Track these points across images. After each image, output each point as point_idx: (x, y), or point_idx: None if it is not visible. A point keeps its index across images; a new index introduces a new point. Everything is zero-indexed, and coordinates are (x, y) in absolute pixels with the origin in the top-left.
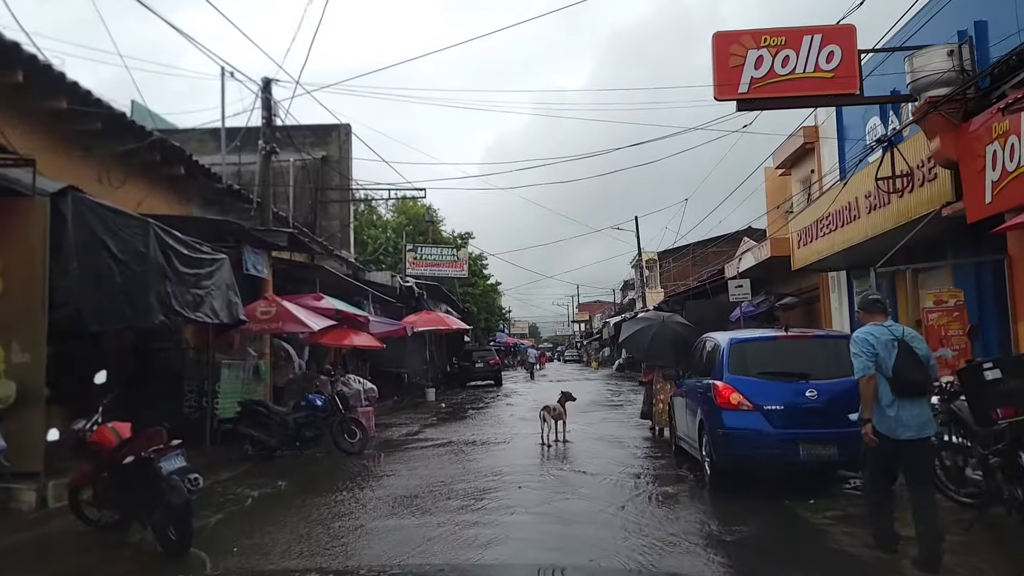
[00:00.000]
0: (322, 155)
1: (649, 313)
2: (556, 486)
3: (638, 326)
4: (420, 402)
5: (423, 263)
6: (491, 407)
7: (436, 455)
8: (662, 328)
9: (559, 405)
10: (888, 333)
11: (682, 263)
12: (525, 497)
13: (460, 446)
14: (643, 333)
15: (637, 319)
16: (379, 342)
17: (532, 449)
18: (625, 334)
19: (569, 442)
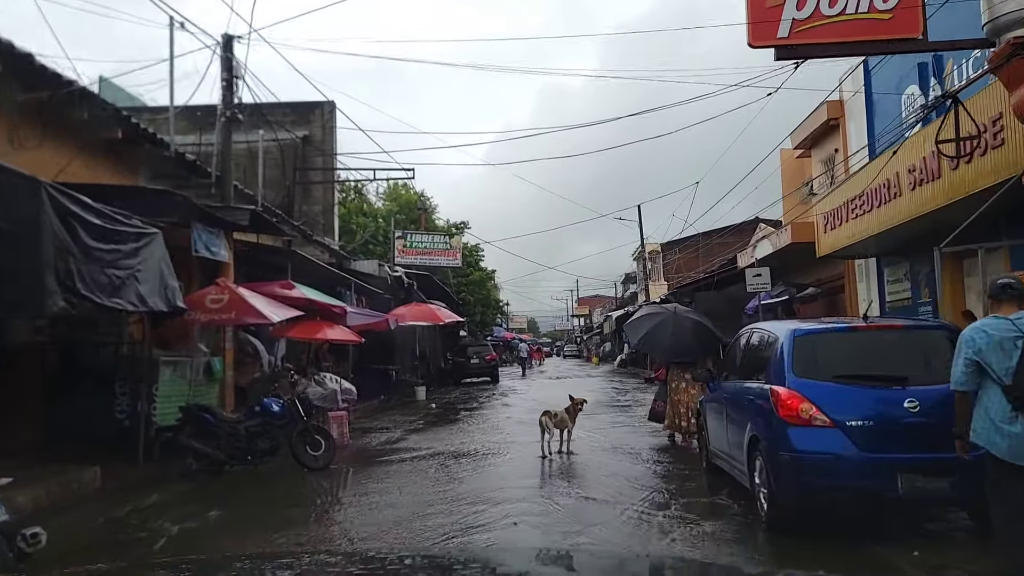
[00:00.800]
0: (303, 135)
1: (653, 307)
2: (561, 521)
3: (651, 322)
4: (409, 402)
5: (413, 251)
6: (485, 408)
7: (415, 471)
8: (678, 320)
9: (564, 412)
10: (1012, 329)
11: (686, 254)
12: (520, 538)
13: (446, 459)
14: (660, 329)
15: (645, 314)
16: (357, 336)
17: (531, 463)
18: (637, 332)
19: (574, 454)
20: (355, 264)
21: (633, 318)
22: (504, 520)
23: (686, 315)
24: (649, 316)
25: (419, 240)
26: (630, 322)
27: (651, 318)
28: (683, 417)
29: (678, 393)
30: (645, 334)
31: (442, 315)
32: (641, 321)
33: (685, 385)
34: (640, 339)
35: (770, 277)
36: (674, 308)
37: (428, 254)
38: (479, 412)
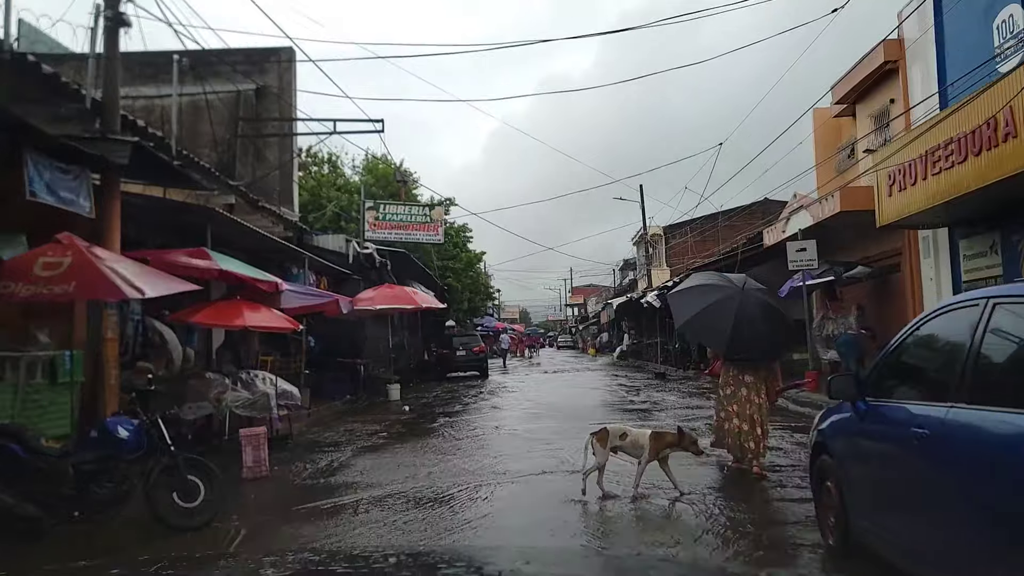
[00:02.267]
0: (257, 86)
1: (709, 276)
2: None
3: (707, 297)
4: (379, 402)
5: (387, 225)
6: (470, 411)
7: (344, 538)
8: (747, 300)
9: (644, 436)
10: None
11: (693, 236)
12: None
13: (400, 510)
14: (721, 309)
15: (699, 285)
16: (292, 321)
17: (548, 515)
18: (685, 309)
19: (643, 497)
20: (318, 240)
21: (681, 287)
22: None
23: (756, 293)
24: (704, 289)
25: (394, 212)
26: (676, 293)
27: (707, 292)
28: (747, 436)
29: (734, 401)
30: (698, 315)
31: (420, 299)
32: (692, 295)
33: (746, 392)
34: (689, 321)
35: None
36: (743, 282)
37: (404, 228)
38: (462, 418)
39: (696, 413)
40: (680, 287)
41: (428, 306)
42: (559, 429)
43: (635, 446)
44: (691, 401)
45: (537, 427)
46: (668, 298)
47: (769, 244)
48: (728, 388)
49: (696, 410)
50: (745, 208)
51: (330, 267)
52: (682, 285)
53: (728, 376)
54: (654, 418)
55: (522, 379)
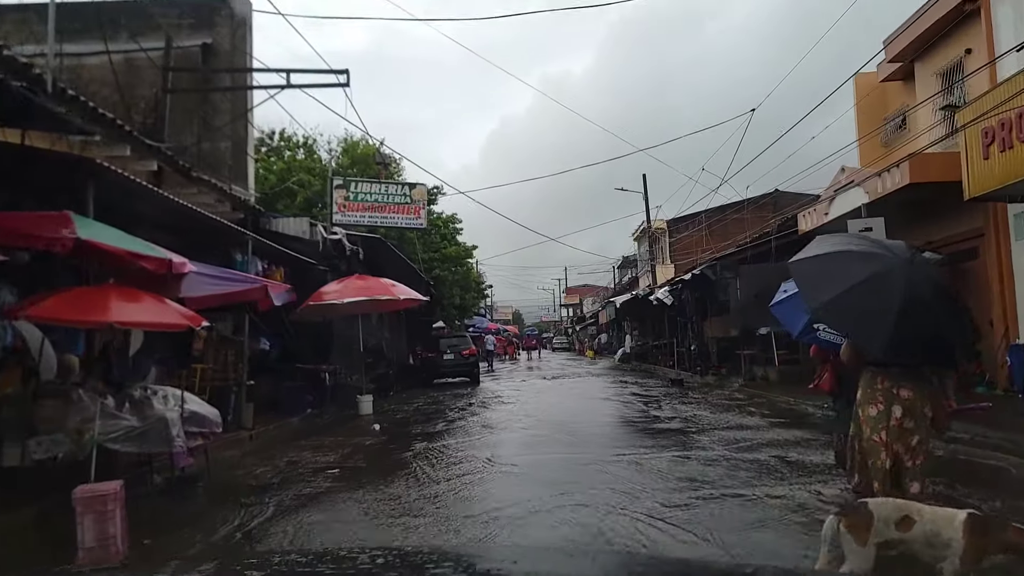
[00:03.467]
0: (201, 43)
1: (852, 240)
2: None
3: (855, 272)
4: (347, 417)
5: (359, 206)
6: (456, 432)
7: None
8: (915, 278)
9: (948, 522)
10: None
11: (703, 227)
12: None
13: None
14: (876, 290)
15: (840, 253)
16: (191, 316)
17: None
18: (822, 288)
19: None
20: (277, 223)
21: (814, 251)
22: None
23: (927, 268)
24: (852, 257)
25: (367, 191)
26: (807, 260)
27: (856, 262)
28: (913, 476)
29: (881, 428)
30: (844, 294)
31: (397, 291)
32: (832, 264)
33: (901, 413)
34: (831, 303)
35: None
36: (908, 251)
37: (380, 210)
38: (444, 442)
39: (754, 437)
40: (812, 251)
41: (407, 299)
42: (575, 463)
43: (932, 542)
44: (733, 418)
45: (544, 459)
46: (794, 267)
47: (806, 229)
48: (872, 407)
49: (750, 432)
50: (755, 200)
51: (289, 255)
52: (813, 248)
53: (874, 389)
54: (698, 443)
55: (517, 386)
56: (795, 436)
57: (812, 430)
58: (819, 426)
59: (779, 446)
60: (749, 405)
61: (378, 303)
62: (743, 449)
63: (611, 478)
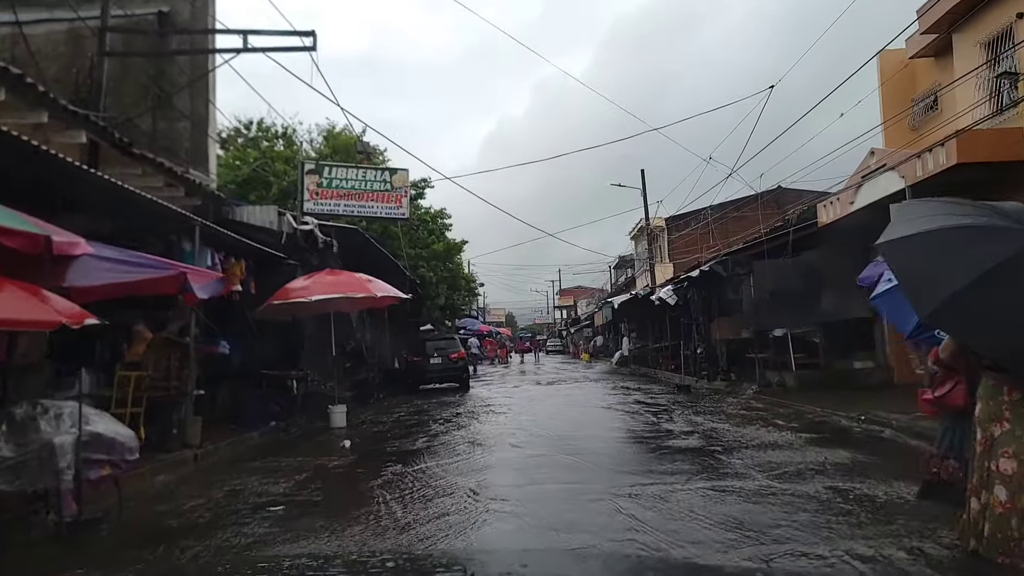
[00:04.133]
0: (157, 11)
1: (951, 206)
2: None
3: (983, 256)
4: (318, 430)
5: (333, 193)
6: (437, 451)
7: None
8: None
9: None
10: None
11: (710, 220)
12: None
13: None
14: (1011, 279)
15: (953, 230)
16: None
17: None
18: (941, 278)
19: None
20: (241, 212)
21: (912, 231)
22: None
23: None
24: (967, 235)
25: (343, 176)
26: (903, 241)
27: (973, 242)
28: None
29: (1005, 451)
30: (965, 291)
31: (374, 287)
32: (943, 246)
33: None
34: (948, 303)
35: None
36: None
37: (356, 198)
38: (421, 466)
39: (795, 460)
40: (907, 225)
41: (386, 296)
42: (581, 496)
43: None
44: (759, 433)
45: (543, 491)
46: (889, 250)
47: (826, 221)
48: (996, 425)
49: (787, 453)
50: (758, 198)
51: (252, 247)
52: (905, 221)
53: (998, 402)
54: (729, 467)
55: (509, 393)
56: (843, 458)
57: (860, 450)
58: (864, 444)
59: (831, 473)
60: (772, 416)
61: (352, 301)
62: (788, 477)
63: (631, 521)
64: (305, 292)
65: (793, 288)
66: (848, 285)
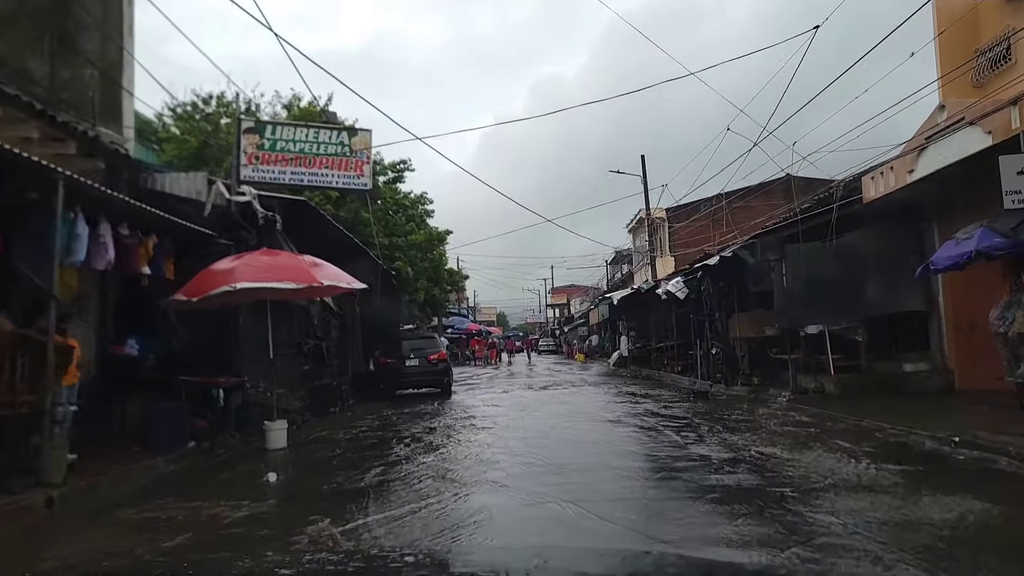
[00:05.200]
0: None
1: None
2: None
3: None
4: (251, 453)
5: (278, 158)
6: (388, 490)
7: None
8: None
9: None
10: None
11: (723, 206)
12: None
13: None
14: None
15: None
16: None
17: None
18: None
19: None
20: (162, 180)
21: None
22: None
23: None
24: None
25: (289, 137)
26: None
27: None
28: None
29: None
30: None
31: (320, 273)
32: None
33: None
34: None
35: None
36: None
37: (307, 164)
38: (361, 519)
39: (916, 516)
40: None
41: (334, 285)
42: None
43: None
44: (828, 462)
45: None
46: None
47: (874, 196)
48: None
49: (890, 499)
50: (765, 185)
51: (171, 221)
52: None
53: None
54: (821, 528)
55: (497, 400)
56: (983, 511)
57: (993, 494)
58: (987, 481)
59: (989, 544)
60: (827, 434)
61: (284, 291)
62: (929, 554)
63: None
64: (228, 277)
65: (833, 277)
66: (898, 272)
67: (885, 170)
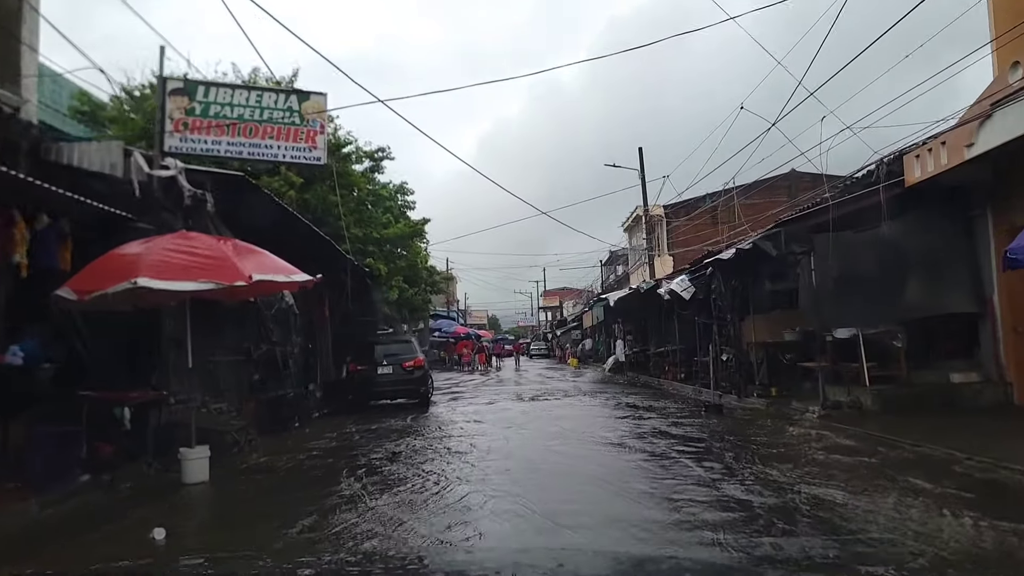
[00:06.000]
0: None
1: None
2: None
3: None
4: (162, 488)
5: (211, 125)
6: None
7: None
8: None
9: None
10: None
11: (733, 197)
12: None
13: None
14: None
15: None
16: None
17: None
18: None
19: None
20: (71, 152)
21: None
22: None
23: None
24: None
25: (225, 101)
26: None
27: None
28: None
29: None
30: None
31: (249, 267)
32: None
33: None
34: None
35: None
36: None
37: (248, 133)
38: None
39: None
40: None
41: (265, 280)
42: None
43: None
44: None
45: None
46: None
47: (919, 178)
48: None
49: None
50: (766, 181)
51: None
52: None
53: None
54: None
55: (480, 414)
56: None
57: None
58: None
59: None
60: (890, 466)
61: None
62: None
63: None
64: (131, 268)
65: (869, 272)
66: (944, 267)
67: (935, 146)
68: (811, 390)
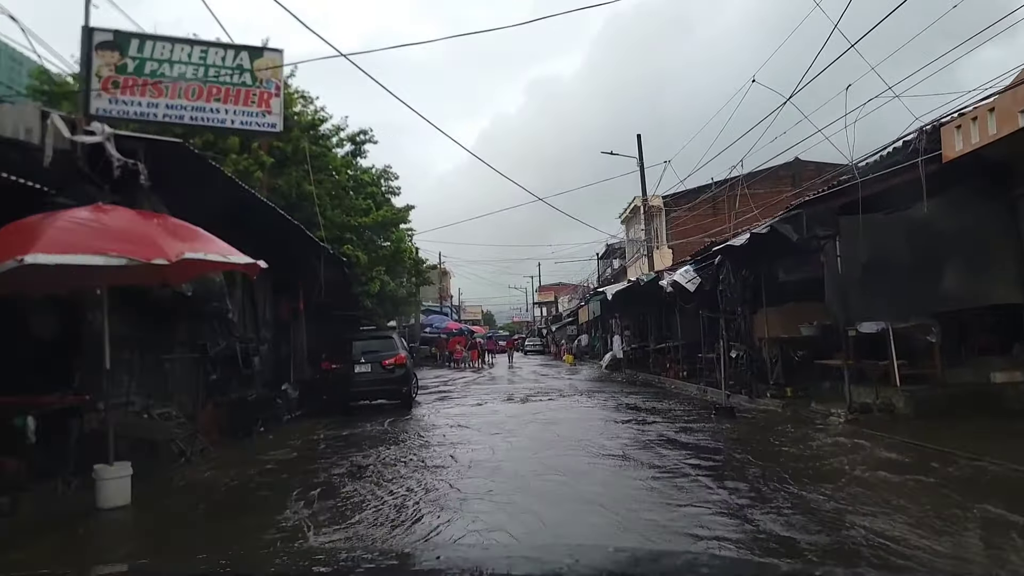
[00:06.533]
0: None
1: None
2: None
3: None
4: (51, 523)
5: (146, 84)
6: None
7: None
8: None
9: None
10: None
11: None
12: None
13: None
14: None
15: None
16: None
17: None
18: None
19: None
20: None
21: None
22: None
23: None
24: None
25: (163, 58)
26: None
27: None
28: None
29: None
30: None
31: (177, 246)
32: None
33: None
34: None
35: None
36: None
37: (190, 95)
38: None
39: None
40: None
41: (197, 259)
42: None
43: None
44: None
45: None
46: None
47: (959, 152)
48: None
49: None
50: (768, 170)
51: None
52: None
53: None
54: None
55: (466, 418)
56: None
57: None
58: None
59: None
60: (949, 487)
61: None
62: None
63: None
64: (22, 245)
65: (901, 259)
66: (989, 253)
67: (981, 113)
68: (830, 390)
